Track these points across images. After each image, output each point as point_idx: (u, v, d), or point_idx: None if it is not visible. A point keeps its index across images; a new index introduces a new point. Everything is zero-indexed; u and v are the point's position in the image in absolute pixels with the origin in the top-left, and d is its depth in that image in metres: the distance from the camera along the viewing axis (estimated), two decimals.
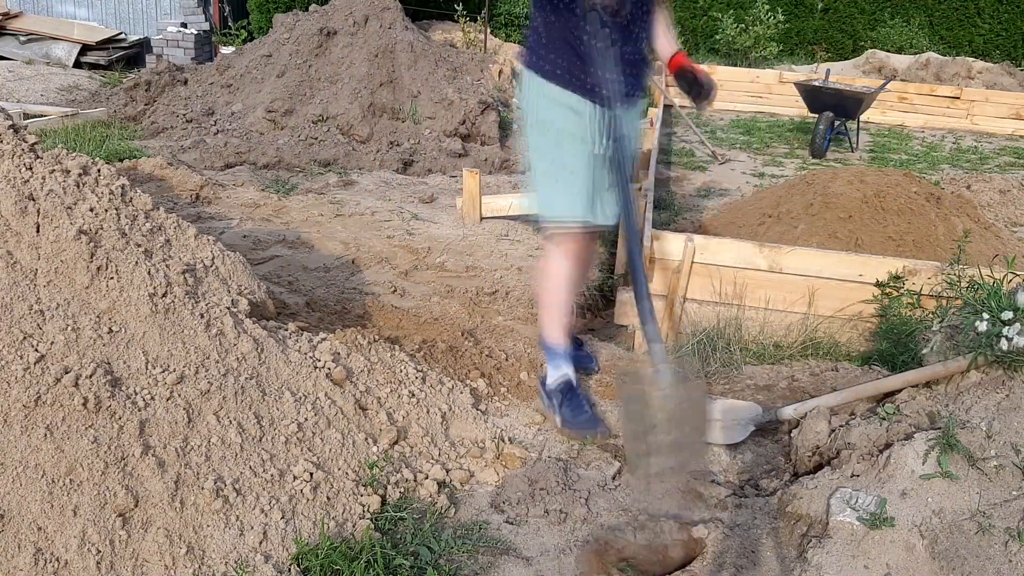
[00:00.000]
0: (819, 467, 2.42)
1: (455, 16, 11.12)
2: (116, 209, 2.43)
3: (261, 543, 1.99)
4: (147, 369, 2.15)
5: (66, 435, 1.92)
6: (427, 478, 2.39)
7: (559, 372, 2.78)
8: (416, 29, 8.51)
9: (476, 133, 7.09)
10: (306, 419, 2.32)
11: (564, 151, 2.49)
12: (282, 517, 2.06)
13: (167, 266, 2.40)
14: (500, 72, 9.09)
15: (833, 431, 2.46)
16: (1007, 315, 2.25)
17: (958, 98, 9.40)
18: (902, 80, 10.37)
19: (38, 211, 2.27)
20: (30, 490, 1.85)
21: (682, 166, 6.81)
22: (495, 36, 12.00)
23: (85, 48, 9.43)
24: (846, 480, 2.18)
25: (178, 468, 2.01)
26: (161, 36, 10.22)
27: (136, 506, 1.92)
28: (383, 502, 2.25)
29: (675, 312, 3.50)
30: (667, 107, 8.40)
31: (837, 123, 7.52)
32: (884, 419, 2.35)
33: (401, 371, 2.75)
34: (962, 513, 1.98)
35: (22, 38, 9.32)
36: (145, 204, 2.57)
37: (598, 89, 2.35)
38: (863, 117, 8.05)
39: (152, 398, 2.09)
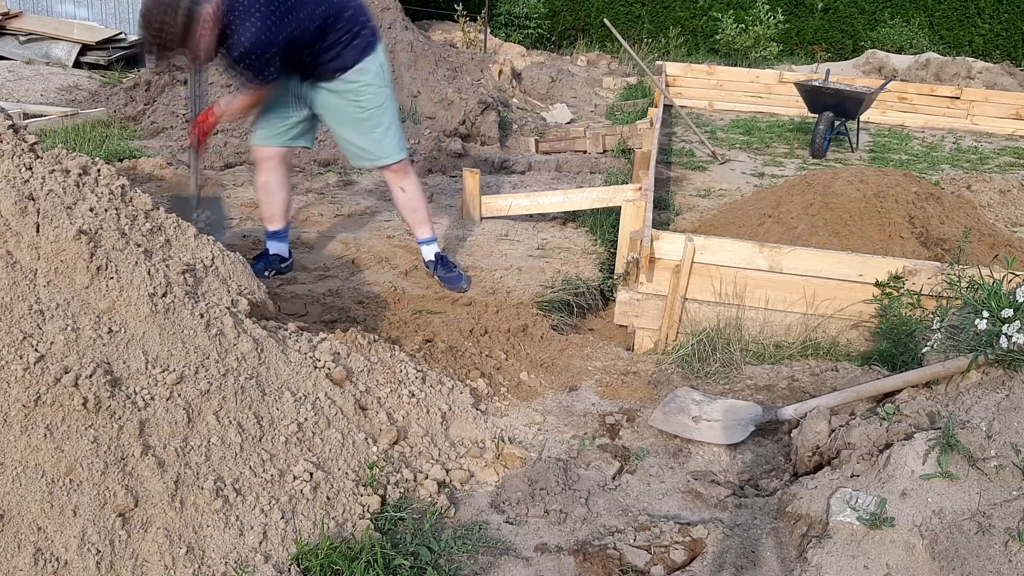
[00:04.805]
0: (819, 467, 2.42)
1: (455, 16, 11.13)
2: (116, 209, 2.42)
3: (261, 543, 1.99)
4: (147, 369, 2.15)
5: (66, 435, 1.92)
6: (427, 478, 2.39)
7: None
8: (416, 29, 8.51)
9: (476, 133, 7.09)
10: (306, 419, 2.32)
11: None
12: (282, 517, 2.06)
13: (167, 266, 2.40)
14: (500, 72, 9.09)
15: (833, 431, 2.46)
16: (1007, 313, 2.25)
17: (958, 98, 9.39)
18: (902, 80, 10.36)
19: (38, 211, 2.27)
20: (30, 490, 1.85)
21: (682, 166, 6.80)
22: (495, 36, 12.00)
23: (85, 48, 9.42)
24: (846, 480, 2.18)
25: (178, 468, 2.01)
26: None
27: (136, 506, 1.92)
28: (383, 502, 2.25)
29: (675, 312, 3.50)
30: (667, 107, 8.40)
31: (837, 123, 7.52)
32: (884, 419, 2.35)
33: (401, 371, 2.75)
34: (962, 513, 1.98)
35: (22, 38, 9.32)
36: (145, 204, 2.57)
37: None
38: (863, 117, 8.04)
39: (152, 398, 2.09)
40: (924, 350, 2.61)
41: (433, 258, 3.88)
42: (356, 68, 3.35)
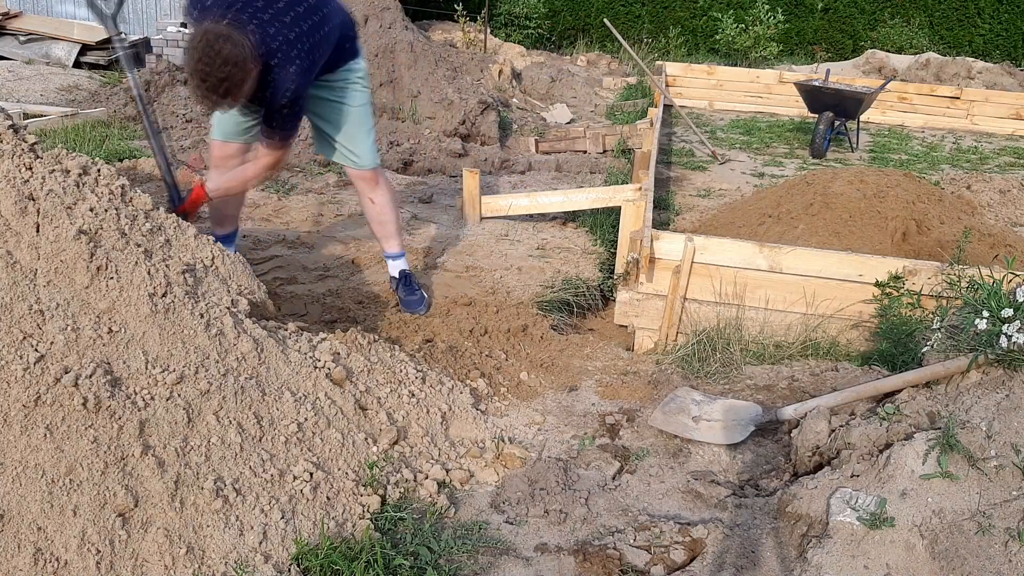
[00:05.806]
0: (819, 467, 2.42)
1: (455, 16, 11.13)
2: (116, 209, 2.42)
3: (261, 543, 1.99)
4: (147, 369, 2.15)
5: (66, 435, 1.92)
6: (427, 478, 2.39)
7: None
8: (416, 29, 8.51)
9: (476, 133, 7.09)
10: (306, 419, 2.32)
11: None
12: (282, 517, 2.06)
13: (167, 266, 2.40)
14: (500, 72, 9.09)
15: (833, 431, 2.46)
16: (1007, 313, 2.25)
17: (958, 98, 9.39)
18: (902, 80, 10.36)
19: (38, 211, 2.27)
20: (30, 490, 1.85)
21: (682, 166, 6.80)
22: (495, 36, 12.00)
23: (85, 48, 9.42)
24: (846, 480, 2.18)
25: (178, 468, 2.01)
26: (161, 36, 10.22)
27: (136, 506, 1.92)
28: (383, 502, 2.25)
29: (675, 312, 3.50)
30: (667, 107, 8.40)
31: (837, 123, 7.52)
32: (884, 419, 2.35)
33: (401, 371, 2.75)
34: (962, 513, 1.98)
35: (22, 38, 9.32)
36: (145, 204, 2.57)
37: None
38: (863, 117, 8.04)
39: (152, 398, 2.09)
40: (924, 350, 2.61)
41: (397, 275, 3.65)
42: (353, 61, 3.26)
